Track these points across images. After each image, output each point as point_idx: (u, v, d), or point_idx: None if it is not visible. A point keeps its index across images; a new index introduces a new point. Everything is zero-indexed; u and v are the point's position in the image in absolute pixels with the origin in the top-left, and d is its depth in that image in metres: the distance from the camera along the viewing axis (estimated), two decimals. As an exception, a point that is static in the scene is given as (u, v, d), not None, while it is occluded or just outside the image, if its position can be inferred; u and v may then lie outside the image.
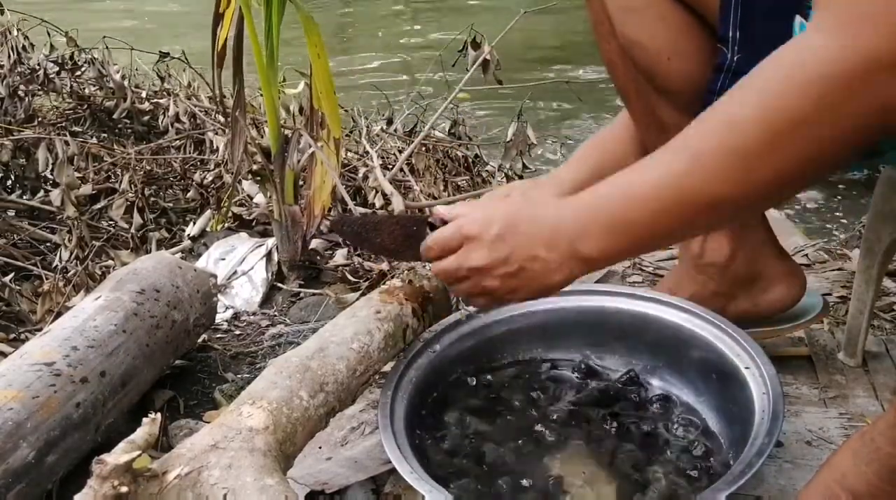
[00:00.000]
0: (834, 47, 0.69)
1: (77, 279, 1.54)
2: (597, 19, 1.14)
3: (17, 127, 2.19)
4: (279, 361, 0.94)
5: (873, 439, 0.81)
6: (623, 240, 0.83)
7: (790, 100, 0.72)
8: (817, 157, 0.73)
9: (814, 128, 0.71)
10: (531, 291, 0.90)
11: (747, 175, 0.75)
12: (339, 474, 1.03)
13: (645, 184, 0.82)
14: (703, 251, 1.18)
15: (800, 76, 0.72)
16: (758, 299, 1.20)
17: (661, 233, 0.82)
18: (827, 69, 0.70)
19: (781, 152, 0.73)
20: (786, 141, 0.73)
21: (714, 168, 0.77)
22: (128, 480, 0.70)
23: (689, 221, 0.80)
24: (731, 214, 0.81)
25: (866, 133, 0.71)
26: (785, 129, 0.73)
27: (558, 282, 0.88)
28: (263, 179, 1.69)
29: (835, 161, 0.74)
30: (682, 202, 0.79)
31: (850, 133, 0.71)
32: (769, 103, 0.74)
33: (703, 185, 0.78)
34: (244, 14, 1.50)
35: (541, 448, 1.02)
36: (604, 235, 0.84)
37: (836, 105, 0.70)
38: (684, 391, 1.10)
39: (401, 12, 6.49)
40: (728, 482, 0.82)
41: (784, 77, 0.73)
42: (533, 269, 0.88)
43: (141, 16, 6.23)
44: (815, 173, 0.75)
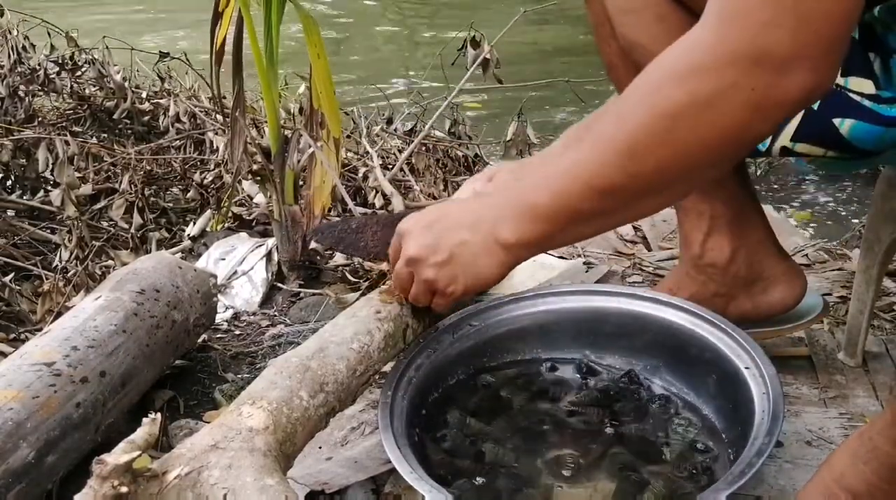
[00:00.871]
0: (707, 43, 0.74)
1: (77, 279, 1.54)
2: (597, 21, 1.14)
3: (17, 127, 2.19)
4: (279, 361, 0.94)
5: (871, 438, 0.81)
6: (533, 224, 0.87)
7: (667, 91, 0.76)
8: (697, 146, 0.77)
9: (689, 117, 0.75)
10: (468, 278, 0.93)
11: (633, 162, 0.79)
12: (339, 474, 1.03)
13: (551, 171, 0.87)
14: (703, 252, 1.18)
15: (677, 69, 0.76)
16: (758, 300, 1.20)
17: (565, 217, 0.86)
18: (699, 62, 0.74)
19: (661, 140, 0.77)
20: (663, 129, 0.77)
21: (604, 156, 0.82)
22: (128, 480, 0.70)
23: (587, 206, 0.84)
24: (628, 201, 0.84)
25: (743, 127, 0.75)
26: (662, 118, 0.77)
27: (490, 268, 0.91)
28: (263, 179, 1.69)
29: (719, 153, 0.78)
30: (578, 189, 0.84)
31: (727, 125, 0.75)
32: (650, 94, 0.78)
33: (596, 172, 0.82)
34: (243, 13, 1.50)
35: (540, 448, 1.02)
36: (516, 218, 0.88)
37: (708, 97, 0.74)
38: (684, 391, 1.10)
39: (400, 11, 6.49)
40: (728, 482, 0.82)
41: (664, 69, 0.77)
42: (462, 254, 0.92)
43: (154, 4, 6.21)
44: (702, 162, 0.79)
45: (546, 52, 4.81)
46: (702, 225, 1.17)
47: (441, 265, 0.94)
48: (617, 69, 1.15)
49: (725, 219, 1.16)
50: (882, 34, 0.92)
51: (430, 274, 0.95)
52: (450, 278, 0.94)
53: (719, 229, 1.17)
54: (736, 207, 1.16)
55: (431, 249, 0.94)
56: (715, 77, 0.73)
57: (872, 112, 0.92)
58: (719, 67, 0.73)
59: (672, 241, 1.78)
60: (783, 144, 0.98)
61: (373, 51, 5.07)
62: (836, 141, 0.95)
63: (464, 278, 0.93)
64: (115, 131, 2.48)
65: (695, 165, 0.79)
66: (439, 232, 0.94)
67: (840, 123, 0.94)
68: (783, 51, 0.70)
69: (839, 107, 0.93)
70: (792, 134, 0.97)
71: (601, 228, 0.90)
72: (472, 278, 0.93)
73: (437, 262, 0.94)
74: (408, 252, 0.96)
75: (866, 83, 0.92)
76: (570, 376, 1.16)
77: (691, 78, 0.74)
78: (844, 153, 0.97)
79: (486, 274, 0.92)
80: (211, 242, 1.75)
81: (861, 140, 0.94)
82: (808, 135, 0.97)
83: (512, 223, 0.88)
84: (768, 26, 0.70)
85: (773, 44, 0.70)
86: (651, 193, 0.83)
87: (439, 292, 0.96)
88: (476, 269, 0.92)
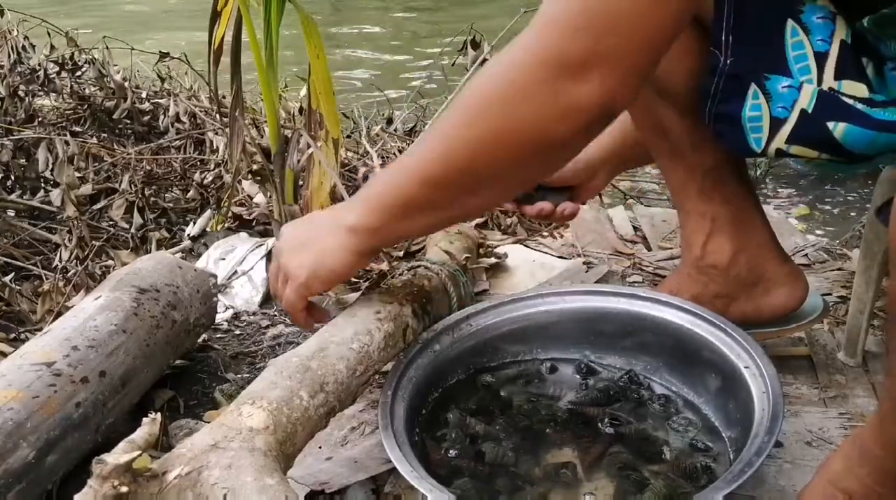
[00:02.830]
0: (526, 43, 0.80)
1: (77, 279, 1.54)
2: None
3: (17, 127, 2.19)
4: (279, 361, 0.94)
5: (864, 441, 0.81)
6: (373, 210, 0.95)
7: (483, 85, 0.84)
8: (502, 139, 0.83)
9: (495, 110, 0.82)
10: (313, 262, 0.99)
11: (450, 151, 0.87)
12: (339, 474, 1.03)
13: (393, 164, 0.98)
14: (704, 253, 1.18)
15: (496, 67, 0.83)
16: (759, 302, 1.19)
17: (399, 205, 0.93)
18: (514, 60, 0.81)
19: (472, 132, 0.85)
20: (473, 121, 0.84)
21: (429, 145, 0.90)
22: (128, 480, 0.70)
23: (417, 196, 0.92)
24: (451, 195, 0.91)
25: (543, 126, 0.81)
26: (472, 110, 0.84)
27: (336, 251, 0.98)
28: (263, 179, 1.69)
29: (523, 150, 0.84)
30: (408, 178, 0.92)
31: (529, 122, 0.81)
32: (472, 87, 0.85)
33: (422, 162, 0.90)
34: (242, 13, 1.50)
35: (540, 448, 1.02)
36: (359, 206, 0.97)
37: (513, 93, 0.81)
38: (684, 391, 1.11)
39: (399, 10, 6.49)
40: (727, 482, 0.82)
41: (490, 65, 0.85)
42: (313, 241, 1.00)
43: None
44: (508, 157, 0.85)
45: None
46: (703, 227, 1.17)
47: (292, 250, 1.01)
48: None
49: (726, 221, 1.16)
50: (874, 43, 0.92)
51: (287, 259, 1.01)
52: (299, 261, 1.00)
53: (720, 231, 1.17)
54: (736, 209, 1.16)
55: (292, 237, 1.03)
56: (522, 76, 0.79)
57: (865, 116, 0.92)
58: (527, 67, 0.79)
59: (672, 241, 1.78)
60: (778, 146, 0.99)
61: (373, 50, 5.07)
62: (829, 144, 0.95)
63: (309, 261, 0.99)
64: (115, 131, 2.48)
65: (502, 160, 0.85)
66: (304, 225, 1.05)
67: (833, 127, 0.94)
68: (583, 57, 0.76)
69: (833, 110, 0.94)
70: (787, 136, 0.97)
71: (436, 220, 0.98)
72: (316, 261, 0.99)
73: (290, 247, 1.01)
74: (276, 247, 1.04)
75: (859, 87, 0.92)
76: (570, 376, 1.16)
77: (504, 75, 0.81)
78: (838, 156, 0.97)
79: (329, 257, 0.98)
80: (211, 242, 1.75)
81: (854, 143, 0.94)
82: (803, 137, 0.97)
83: (356, 211, 0.97)
84: (577, 33, 0.77)
85: (577, 50, 0.76)
86: (468, 188, 0.89)
87: (290, 277, 1.01)
88: (319, 252, 0.98)
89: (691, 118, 1.07)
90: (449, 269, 1.21)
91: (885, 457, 0.78)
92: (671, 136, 1.13)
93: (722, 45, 0.98)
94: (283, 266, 1.02)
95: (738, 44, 0.97)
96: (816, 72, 0.94)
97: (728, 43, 0.98)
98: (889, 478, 0.79)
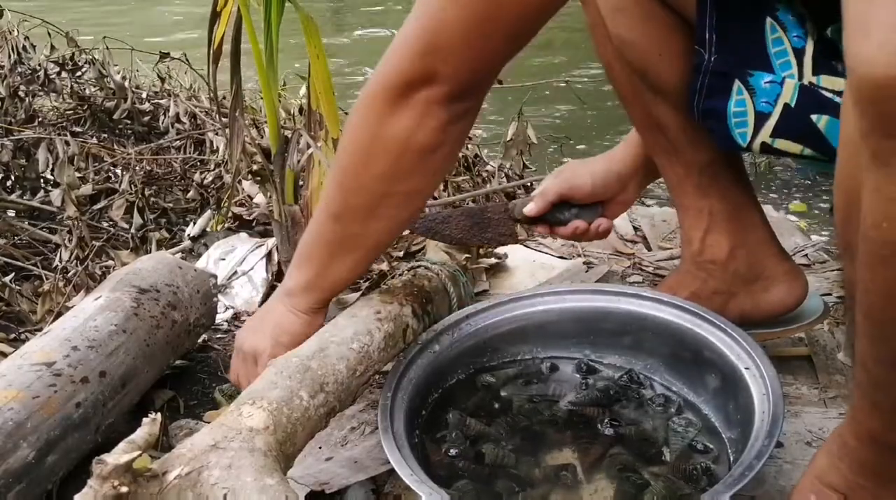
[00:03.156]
0: (382, 70, 0.92)
1: (77, 279, 1.54)
2: (593, 22, 1.15)
3: (17, 127, 2.19)
4: (279, 361, 0.94)
5: (841, 434, 0.81)
6: (300, 265, 1.05)
7: (353, 114, 0.96)
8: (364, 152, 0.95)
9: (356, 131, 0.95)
10: (272, 331, 1.07)
11: (340, 182, 1.00)
12: (339, 474, 1.03)
13: (308, 228, 1.08)
14: (702, 248, 1.19)
15: (364, 93, 0.95)
16: (759, 299, 1.20)
17: (319, 250, 1.03)
18: (372, 82, 0.93)
19: (348, 155, 0.97)
20: (350, 142, 0.97)
21: (330, 187, 1.01)
22: (128, 480, 0.70)
23: (329, 232, 1.02)
24: (356, 221, 1.00)
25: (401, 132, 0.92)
26: (351, 129, 0.97)
27: (284, 315, 1.07)
28: (263, 179, 1.68)
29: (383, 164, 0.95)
30: (316, 226, 1.04)
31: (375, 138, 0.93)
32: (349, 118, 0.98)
33: (324, 205, 1.02)
34: (242, 13, 1.50)
35: (540, 449, 1.02)
36: (291, 268, 1.07)
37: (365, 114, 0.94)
38: (684, 391, 1.10)
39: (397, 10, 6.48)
40: (728, 485, 0.82)
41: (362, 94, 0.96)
42: (262, 316, 1.11)
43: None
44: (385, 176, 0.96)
45: (546, 48, 4.82)
46: (701, 222, 1.18)
47: (249, 332, 1.10)
48: (613, 69, 1.16)
49: (724, 216, 1.17)
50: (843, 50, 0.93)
51: (245, 345, 1.09)
52: (259, 337, 1.07)
53: (718, 226, 1.17)
54: (734, 206, 1.17)
55: (245, 328, 1.12)
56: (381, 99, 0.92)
57: None
58: (373, 91, 0.93)
59: (672, 241, 1.78)
60: (763, 140, 1.00)
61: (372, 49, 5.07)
62: (813, 137, 0.97)
63: (269, 332, 1.07)
64: (115, 131, 2.48)
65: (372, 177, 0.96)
66: (254, 316, 1.15)
67: (817, 119, 0.95)
68: (413, 75, 0.89)
69: (815, 104, 0.95)
70: (771, 130, 0.98)
71: (359, 256, 1.04)
72: (275, 331, 1.06)
73: (246, 333, 1.10)
74: (236, 344, 1.12)
75: (838, 81, 0.93)
76: (570, 375, 1.16)
77: (366, 98, 0.93)
78: (821, 152, 0.98)
79: (284, 322, 1.06)
80: (211, 243, 1.75)
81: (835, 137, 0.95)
82: (787, 131, 0.98)
83: (290, 275, 1.07)
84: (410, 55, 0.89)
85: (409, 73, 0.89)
86: (367, 210, 0.98)
87: (257, 354, 1.07)
88: (276, 321, 1.07)
89: (687, 115, 1.08)
90: (449, 269, 1.21)
91: (860, 448, 0.78)
92: (668, 133, 1.14)
93: (706, 43, 0.99)
94: (246, 352, 1.09)
95: (721, 41, 0.99)
96: (797, 67, 0.95)
97: (711, 41, 0.99)
98: (866, 469, 0.78)
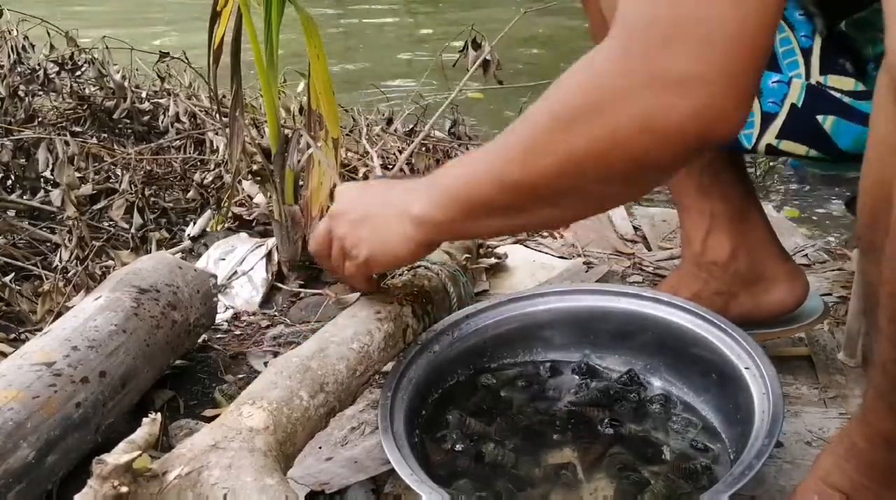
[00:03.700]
0: (610, 52, 0.73)
1: (77, 279, 1.54)
2: (595, 25, 1.14)
3: (17, 127, 2.19)
4: (279, 361, 0.94)
5: (849, 436, 0.81)
6: (440, 204, 0.89)
7: (569, 95, 0.76)
8: (587, 154, 0.76)
9: (582, 124, 0.74)
10: (374, 243, 0.95)
11: (531, 159, 0.80)
12: (339, 474, 1.03)
13: (467, 159, 0.93)
14: (704, 249, 1.19)
15: (581, 75, 0.76)
16: (760, 299, 1.20)
17: (469, 204, 0.87)
18: (599, 71, 0.73)
19: (556, 140, 0.77)
20: (559, 130, 0.77)
21: (509, 150, 0.83)
22: (128, 480, 0.70)
23: (489, 197, 0.85)
24: (527, 202, 0.84)
25: (634, 145, 0.72)
26: (559, 120, 0.76)
27: (396, 237, 0.93)
28: (263, 179, 1.69)
29: (610, 168, 0.76)
30: (483, 178, 0.85)
31: (618, 139, 0.73)
32: (555, 96, 0.78)
33: (500, 164, 0.83)
34: (243, 13, 1.50)
35: (540, 449, 1.02)
36: (428, 196, 0.91)
37: (601, 106, 0.72)
38: (684, 391, 1.10)
39: (399, 11, 6.49)
40: (728, 484, 0.82)
41: (572, 73, 0.76)
42: (374, 218, 0.96)
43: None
44: (593, 173, 0.77)
45: (547, 47, 4.82)
46: (702, 223, 1.18)
47: (353, 223, 0.97)
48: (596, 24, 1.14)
49: (725, 217, 1.17)
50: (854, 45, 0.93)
51: (342, 230, 0.98)
52: (357, 238, 0.96)
53: (719, 227, 1.17)
54: (735, 206, 1.17)
55: (351, 206, 0.98)
56: (610, 90, 0.71)
57: (853, 109, 0.93)
58: (615, 81, 0.71)
59: (672, 241, 1.78)
60: (768, 142, 0.99)
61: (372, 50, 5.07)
62: (819, 138, 0.96)
63: (370, 242, 0.96)
64: (115, 131, 2.48)
65: (588, 176, 0.77)
66: (366, 193, 0.99)
67: (823, 120, 0.94)
68: (679, 70, 0.67)
69: (822, 104, 0.94)
70: (777, 131, 0.98)
71: (508, 225, 0.91)
72: (378, 243, 0.95)
73: (351, 219, 0.97)
74: (332, 208, 1.00)
75: (845, 81, 0.93)
76: (570, 376, 1.16)
77: (590, 87, 0.73)
78: (825, 152, 0.97)
79: (391, 243, 0.94)
80: (211, 243, 1.75)
81: (842, 137, 0.94)
82: (793, 132, 0.98)
83: (423, 200, 0.91)
84: (666, 45, 0.67)
85: (669, 62, 0.67)
86: (548, 198, 0.82)
87: (346, 252, 0.98)
88: (383, 235, 0.94)
89: None
90: (449, 269, 1.21)
91: (869, 450, 0.78)
92: None
93: None
94: (340, 237, 0.98)
95: None
96: (804, 66, 0.95)
97: None
98: (874, 471, 0.79)
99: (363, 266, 0.98)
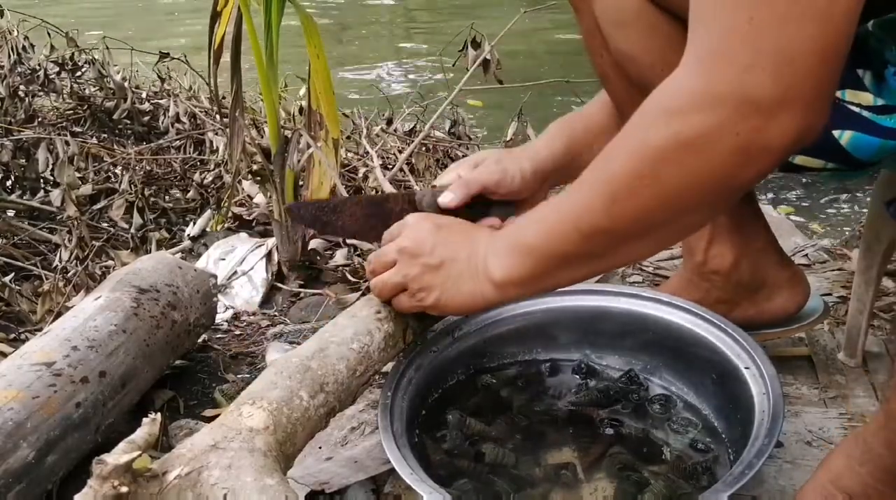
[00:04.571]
0: (691, 86, 0.71)
1: (77, 279, 1.54)
2: (588, 32, 1.12)
3: (17, 127, 2.19)
4: (279, 361, 0.94)
5: (866, 440, 0.81)
6: (521, 262, 0.87)
7: (652, 133, 0.74)
8: (680, 190, 0.74)
9: (672, 161, 0.73)
10: (444, 295, 0.93)
11: (616, 205, 0.78)
12: (339, 474, 1.03)
13: (546, 211, 0.88)
14: (706, 259, 1.18)
15: (662, 111, 0.73)
16: (762, 307, 1.20)
17: (551, 258, 0.85)
18: (683, 105, 0.71)
19: (643, 183, 0.75)
20: (646, 172, 0.75)
21: (589, 199, 0.80)
22: (128, 480, 0.70)
23: (573, 249, 0.83)
24: (613, 245, 0.82)
25: (728, 172, 0.72)
26: (645, 161, 0.74)
27: (469, 295, 0.91)
28: (263, 179, 1.69)
29: (704, 198, 0.75)
30: (565, 230, 0.83)
31: (712, 170, 0.72)
32: (635, 136, 0.76)
33: (581, 214, 0.81)
34: (243, 13, 1.51)
35: (541, 449, 1.02)
36: (506, 253, 0.88)
37: (692, 141, 0.71)
38: (684, 391, 1.10)
39: (399, 12, 6.49)
40: (728, 484, 0.82)
41: (651, 111, 0.74)
42: (450, 270, 0.93)
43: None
44: (686, 207, 0.76)
45: (548, 47, 4.82)
46: (704, 232, 1.17)
47: (427, 268, 0.94)
48: (610, 81, 1.14)
49: (727, 227, 1.16)
50: (876, 48, 0.92)
51: (413, 272, 0.94)
52: (428, 284, 0.94)
53: (721, 237, 1.17)
54: (737, 215, 1.16)
55: (428, 249, 0.94)
56: (699, 121, 0.70)
57: (871, 123, 0.92)
58: (703, 111, 0.70)
59: (672, 241, 1.78)
60: None
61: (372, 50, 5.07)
62: (836, 153, 0.95)
63: (440, 292, 0.93)
64: (115, 131, 2.48)
65: (678, 210, 0.77)
66: (442, 238, 0.94)
67: (840, 135, 0.93)
68: (766, 95, 0.67)
69: (838, 119, 0.93)
70: None
71: (591, 271, 0.89)
72: (447, 297, 0.93)
73: (425, 263, 0.94)
74: (404, 241, 0.96)
75: (863, 95, 0.92)
76: (570, 376, 1.16)
77: (675, 121, 0.72)
78: (844, 165, 0.97)
79: (462, 299, 0.92)
80: (211, 242, 1.75)
81: (861, 151, 0.94)
82: (808, 148, 0.97)
83: (501, 258, 0.89)
84: (749, 70, 0.67)
85: (756, 88, 0.67)
86: (635, 237, 0.81)
87: (410, 292, 0.96)
88: (456, 290, 0.92)
89: None
90: (449, 269, 1.20)
91: (888, 455, 0.78)
92: None
93: None
94: (408, 276, 0.95)
95: None
96: None
97: None
98: (892, 477, 0.79)
99: (419, 307, 0.96)
